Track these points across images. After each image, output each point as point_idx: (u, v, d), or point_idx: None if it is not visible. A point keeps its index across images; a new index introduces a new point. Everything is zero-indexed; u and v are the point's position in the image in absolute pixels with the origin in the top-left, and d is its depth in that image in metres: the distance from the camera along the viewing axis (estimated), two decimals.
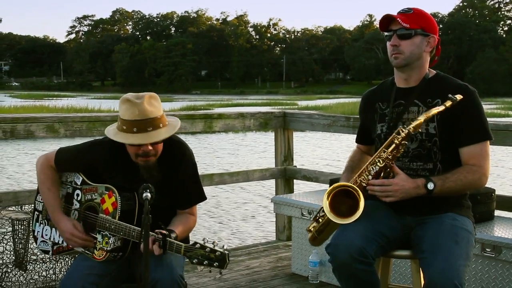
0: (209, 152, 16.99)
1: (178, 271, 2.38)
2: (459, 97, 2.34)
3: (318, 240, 2.53)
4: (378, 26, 2.71)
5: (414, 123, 2.34)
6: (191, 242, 2.29)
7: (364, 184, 2.39)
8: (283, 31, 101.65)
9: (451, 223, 2.40)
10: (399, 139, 2.36)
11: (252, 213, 9.61)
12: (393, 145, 2.36)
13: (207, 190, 2.79)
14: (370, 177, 2.38)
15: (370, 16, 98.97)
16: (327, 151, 17.50)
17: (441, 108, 2.34)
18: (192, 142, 18.07)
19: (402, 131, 2.35)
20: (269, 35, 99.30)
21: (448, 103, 2.33)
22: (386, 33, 2.51)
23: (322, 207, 2.42)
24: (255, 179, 5.26)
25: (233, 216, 9.38)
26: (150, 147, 2.42)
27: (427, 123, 2.42)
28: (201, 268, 2.26)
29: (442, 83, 2.51)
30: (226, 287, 3.84)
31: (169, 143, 2.54)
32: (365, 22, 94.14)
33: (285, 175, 5.12)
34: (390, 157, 2.37)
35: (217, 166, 14.00)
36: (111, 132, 2.46)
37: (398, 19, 2.44)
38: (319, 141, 20.10)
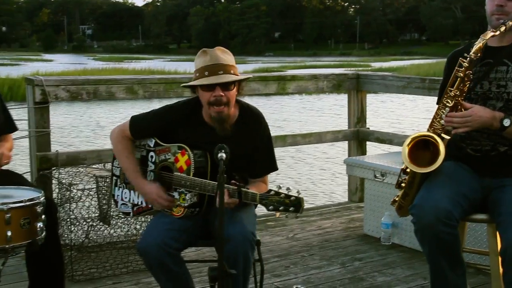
0: (282, 113, 17.04)
1: (250, 229, 2.44)
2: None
3: (405, 208, 2.48)
4: None
5: (473, 49, 2.31)
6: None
7: (439, 131, 2.36)
8: None
9: None
10: (462, 71, 2.32)
11: (325, 174, 9.64)
12: (458, 80, 2.32)
13: (279, 151, 2.84)
14: (442, 121, 2.35)
15: None
16: (402, 113, 17.13)
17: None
18: (265, 103, 18.15)
19: (463, 62, 2.32)
20: None
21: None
22: None
23: (401, 171, 2.41)
24: (327, 141, 5.27)
25: (305, 177, 9.44)
26: (221, 93, 2.46)
27: None
28: (278, 214, 2.32)
29: None
30: (298, 246, 3.92)
31: (247, 112, 2.62)
32: None
33: (358, 137, 5.09)
34: (458, 93, 2.33)
35: (290, 127, 14.05)
36: (187, 85, 2.58)
37: None
38: (394, 103, 19.67)
